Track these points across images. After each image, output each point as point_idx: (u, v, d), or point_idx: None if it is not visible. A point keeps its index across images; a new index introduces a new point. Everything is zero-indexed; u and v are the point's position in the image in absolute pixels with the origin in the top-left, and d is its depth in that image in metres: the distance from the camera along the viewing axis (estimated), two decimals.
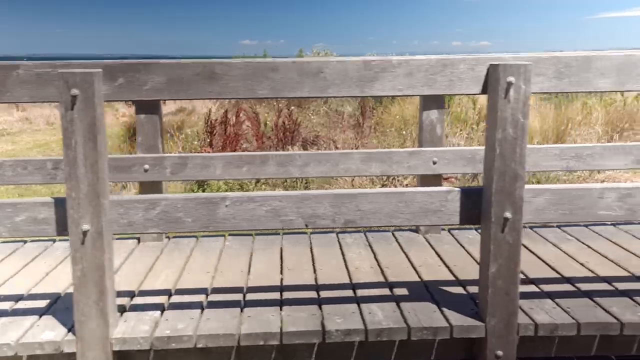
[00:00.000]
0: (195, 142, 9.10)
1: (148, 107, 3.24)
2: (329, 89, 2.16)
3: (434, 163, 3.27)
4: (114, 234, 2.24)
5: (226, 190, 7.29)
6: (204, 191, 7.40)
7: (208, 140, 8.71)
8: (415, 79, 2.17)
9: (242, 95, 2.18)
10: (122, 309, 2.40)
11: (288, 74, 2.14)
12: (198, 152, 8.97)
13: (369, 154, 3.26)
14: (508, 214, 2.14)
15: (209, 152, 8.64)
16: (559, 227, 3.49)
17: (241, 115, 9.71)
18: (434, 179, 3.35)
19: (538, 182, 6.85)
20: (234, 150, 8.64)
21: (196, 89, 2.12)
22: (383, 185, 7.13)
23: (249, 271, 2.87)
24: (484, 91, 2.16)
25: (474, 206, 2.23)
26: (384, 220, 2.25)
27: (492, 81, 2.11)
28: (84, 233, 2.06)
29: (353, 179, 7.51)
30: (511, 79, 2.05)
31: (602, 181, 7.04)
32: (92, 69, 2.03)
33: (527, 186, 2.20)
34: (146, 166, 3.15)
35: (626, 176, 6.85)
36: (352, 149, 8.69)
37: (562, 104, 10.49)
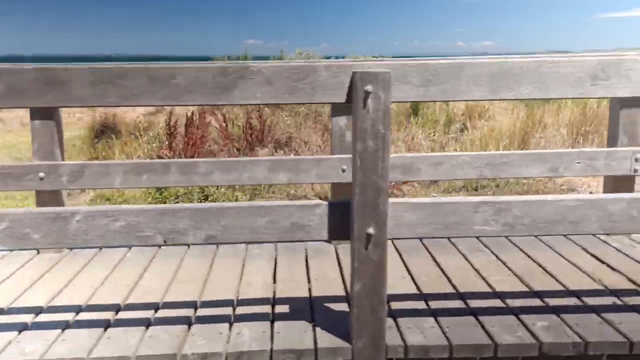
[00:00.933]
0: (155, 144, 8.92)
1: (43, 113, 3.10)
2: (183, 96, 2.02)
3: (343, 171, 3.14)
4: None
5: (185, 194, 7.14)
6: (161, 195, 7.22)
7: (167, 142, 8.54)
8: (276, 86, 2.03)
9: (91, 103, 2.05)
10: None
11: (138, 80, 2.00)
12: (156, 155, 8.81)
13: (275, 162, 3.13)
14: (371, 230, 2.01)
15: (167, 154, 8.49)
16: (476, 236, 3.36)
17: (206, 116, 9.54)
18: (347, 188, 3.22)
19: (499, 186, 6.74)
20: (196, 152, 8.47)
21: (35, 97, 1.98)
22: None
23: (134, 286, 2.73)
24: (348, 100, 2.03)
25: (342, 221, 2.11)
26: (247, 235, 2.12)
27: (353, 90, 1.98)
28: None
29: (312, 185, 7.37)
30: (369, 87, 1.93)
31: (561, 185, 6.94)
32: None
33: (397, 200, 2.08)
34: (41, 174, 3.00)
35: (584, 180, 6.74)
36: (317, 150, 8.58)
37: (535, 106, 10.39)
